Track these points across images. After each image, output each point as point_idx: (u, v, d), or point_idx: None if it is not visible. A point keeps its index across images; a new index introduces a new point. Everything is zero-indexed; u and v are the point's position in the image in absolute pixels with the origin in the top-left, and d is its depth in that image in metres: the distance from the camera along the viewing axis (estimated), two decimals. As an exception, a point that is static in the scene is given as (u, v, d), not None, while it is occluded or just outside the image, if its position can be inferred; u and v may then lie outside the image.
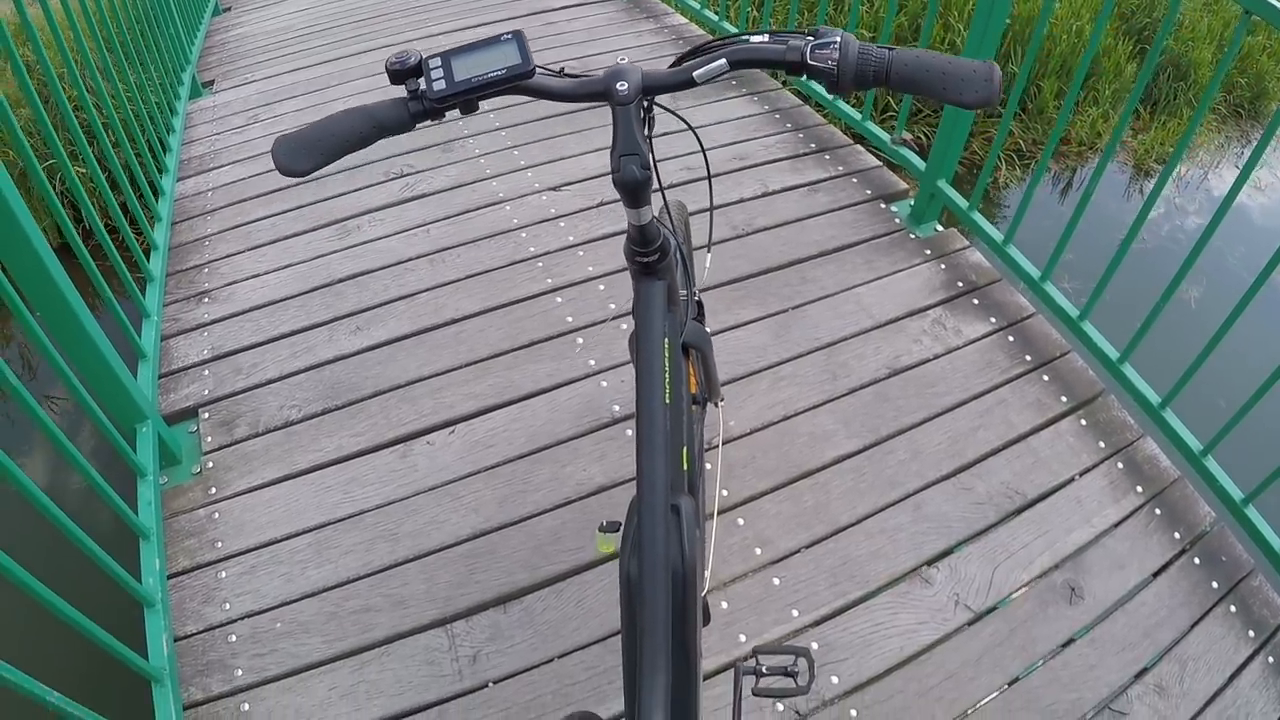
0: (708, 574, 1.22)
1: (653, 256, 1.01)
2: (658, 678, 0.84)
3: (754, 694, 1.15)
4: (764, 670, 1.16)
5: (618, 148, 0.89)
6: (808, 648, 1.15)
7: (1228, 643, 1.56)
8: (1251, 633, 1.57)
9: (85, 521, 1.36)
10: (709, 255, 1.46)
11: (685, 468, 1.05)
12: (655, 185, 0.94)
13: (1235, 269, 3.43)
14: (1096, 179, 1.87)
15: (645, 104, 0.93)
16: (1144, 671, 1.51)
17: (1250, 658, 1.54)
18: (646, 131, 0.93)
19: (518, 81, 0.89)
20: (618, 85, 0.88)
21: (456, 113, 0.91)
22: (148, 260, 2.28)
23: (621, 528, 0.98)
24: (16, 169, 2.97)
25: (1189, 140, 1.71)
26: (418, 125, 0.91)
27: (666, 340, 1.01)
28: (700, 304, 1.40)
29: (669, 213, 1.21)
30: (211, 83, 3.43)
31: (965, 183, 2.31)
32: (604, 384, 1.96)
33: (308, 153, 0.89)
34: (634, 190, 0.91)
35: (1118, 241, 1.84)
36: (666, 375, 0.98)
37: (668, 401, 0.97)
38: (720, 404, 1.46)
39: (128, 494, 1.63)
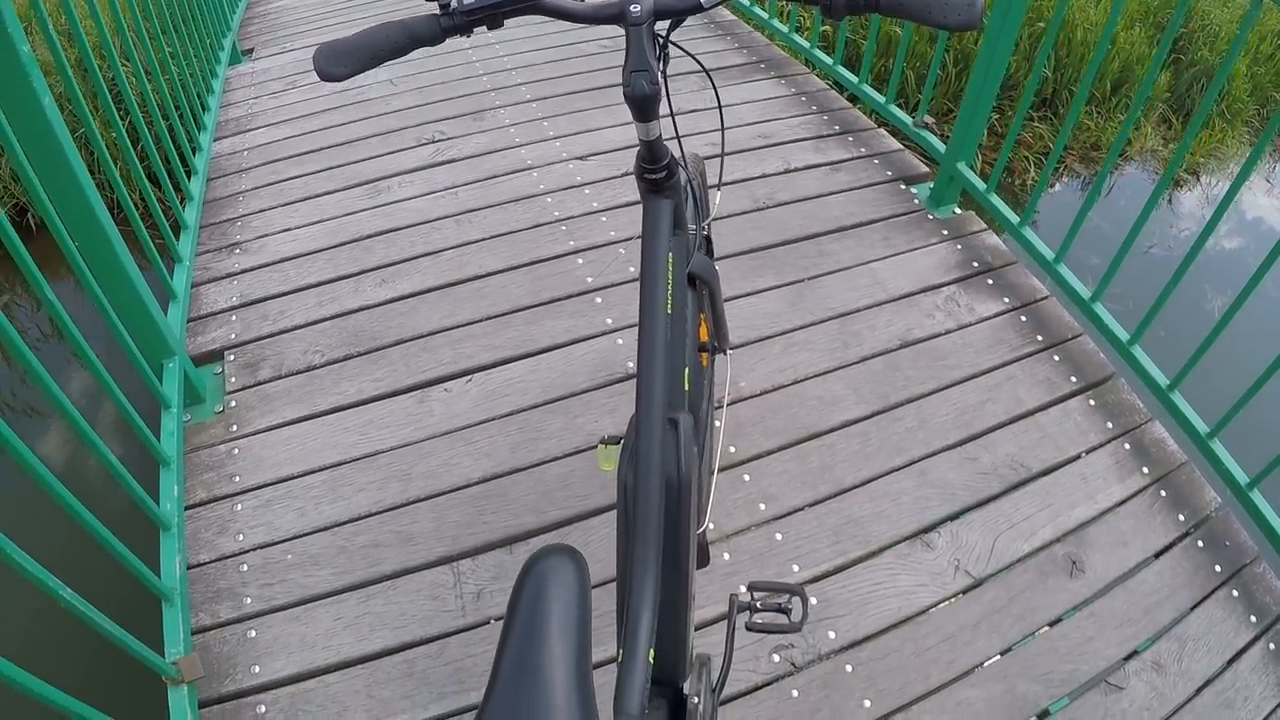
0: (709, 519, 1.21)
1: (660, 174, 1.04)
2: (648, 575, 0.84)
3: (748, 628, 1.14)
4: (758, 605, 1.15)
5: (629, 65, 0.91)
6: (802, 586, 1.14)
7: (1228, 626, 1.52)
8: (1253, 618, 1.53)
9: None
10: (719, 194, 1.47)
11: (687, 388, 1.05)
12: (667, 113, 0.98)
13: (1265, 286, 3.36)
14: (1111, 159, 1.86)
15: (661, 40, 0.96)
16: (1142, 648, 1.48)
17: (1251, 643, 1.50)
18: (661, 67, 0.95)
19: None
20: (631, 7, 0.91)
21: (486, 82, 0.96)
22: (183, 209, 2.30)
23: (622, 441, 0.99)
24: (66, 111, 3.00)
25: (1193, 138, 1.69)
26: (447, 38, 0.94)
27: (671, 255, 1.02)
28: (709, 239, 1.41)
29: (682, 150, 1.22)
30: (251, 51, 3.46)
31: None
32: (620, 341, 1.96)
33: (347, 59, 0.93)
34: (643, 104, 0.93)
35: (1144, 247, 1.82)
36: (670, 288, 0.99)
37: (669, 311, 0.98)
38: (729, 352, 1.46)
39: (152, 428, 1.64)
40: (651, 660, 0.84)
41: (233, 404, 1.89)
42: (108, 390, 1.48)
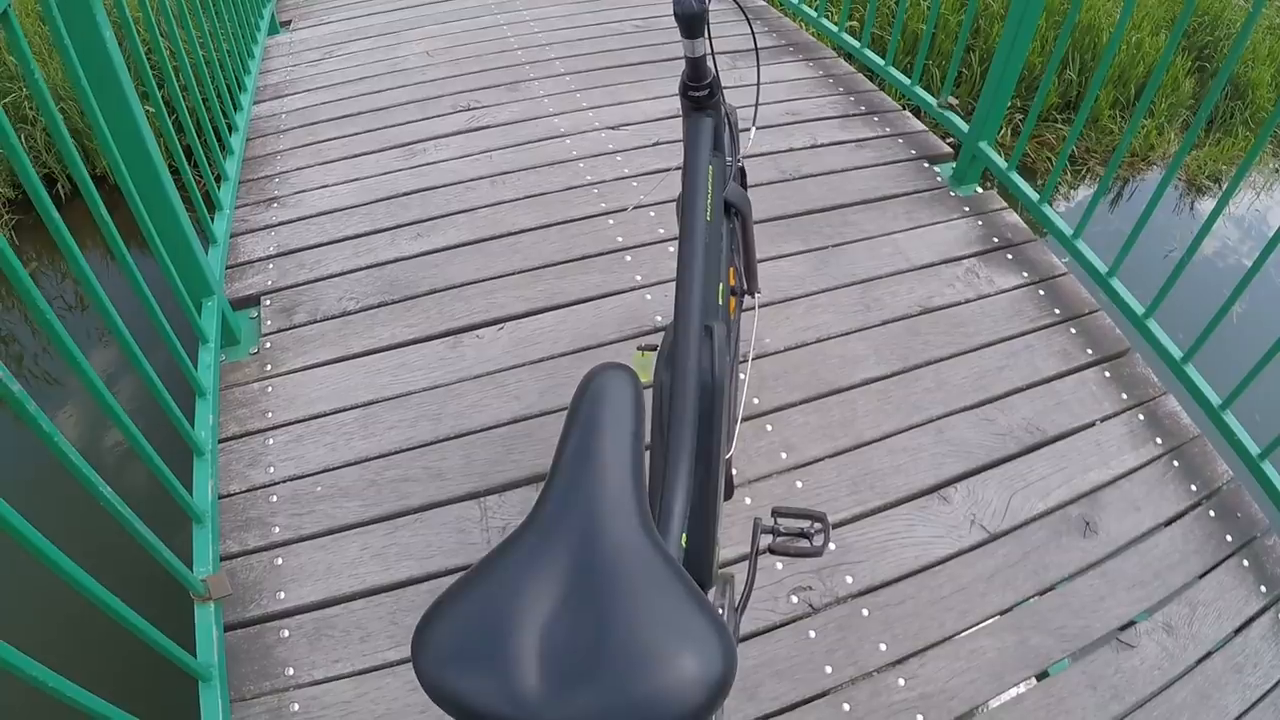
0: (735, 442, 1.21)
1: (703, 91, 1.12)
2: (682, 465, 0.85)
3: (770, 551, 1.14)
4: (781, 530, 1.14)
5: None
6: (824, 513, 1.14)
7: (1239, 594, 1.50)
8: (1263, 588, 1.51)
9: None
10: (753, 130, 1.49)
11: (720, 301, 1.06)
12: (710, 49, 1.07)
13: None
14: (1123, 147, 1.86)
15: None
16: (1153, 609, 1.47)
17: (1260, 612, 1.48)
18: (708, 4, 1.01)
19: None
20: None
21: (521, 56, 1.01)
22: (224, 161, 2.31)
23: (659, 348, 1.00)
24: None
25: (1198, 129, 1.69)
26: None
27: (711, 168, 1.04)
28: (743, 170, 1.43)
29: (721, 92, 1.24)
30: (289, 22, 3.45)
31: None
32: (648, 297, 1.96)
33: None
34: (690, 21, 1.01)
35: (1164, 253, 1.80)
36: (709, 198, 1.01)
37: (708, 219, 1.00)
38: (757, 298, 1.47)
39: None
40: (684, 545, 0.84)
41: (268, 345, 1.89)
42: (152, 316, 1.49)
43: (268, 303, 1.99)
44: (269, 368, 1.84)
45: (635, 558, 0.63)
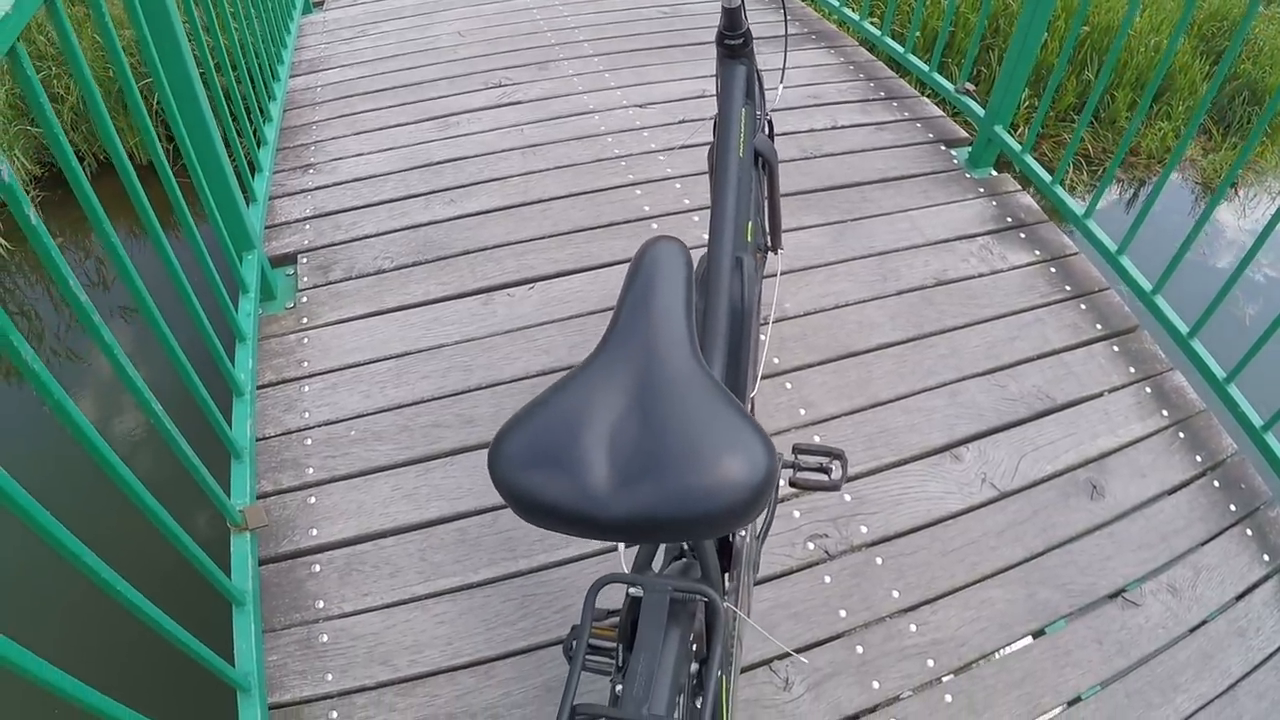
0: (758, 385, 1.23)
1: (738, 40, 1.16)
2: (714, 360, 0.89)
3: (790, 484, 1.16)
4: (801, 465, 1.17)
5: None
6: (842, 450, 1.16)
7: (1242, 561, 1.51)
8: (1266, 557, 1.52)
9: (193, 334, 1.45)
10: (780, 88, 1.53)
11: (750, 239, 1.09)
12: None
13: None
14: (1130, 134, 1.87)
15: None
16: (1158, 571, 1.48)
17: (1263, 579, 1.49)
18: None
19: None
20: None
21: (551, 38, 1.06)
22: (264, 126, 2.34)
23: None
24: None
25: (1200, 117, 1.70)
26: None
27: (744, 111, 1.08)
28: (771, 123, 1.47)
29: (753, 52, 1.27)
30: (322, 2, 3.47)
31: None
32: (673, 262, 1.97)
33: None
34: None
35: (1175, 246, 1.81)
36: (741, 136, 1.04)
37: (741, 155, 1.03)
38: (780, 252, 1.51)
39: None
40: None
41: (304, 300, 1.92)
42: (200, 262, 1.51)
43: (304, 260, 2.02)
44: (305, 320, 1.87)
45: (690, 380, 0.71)
